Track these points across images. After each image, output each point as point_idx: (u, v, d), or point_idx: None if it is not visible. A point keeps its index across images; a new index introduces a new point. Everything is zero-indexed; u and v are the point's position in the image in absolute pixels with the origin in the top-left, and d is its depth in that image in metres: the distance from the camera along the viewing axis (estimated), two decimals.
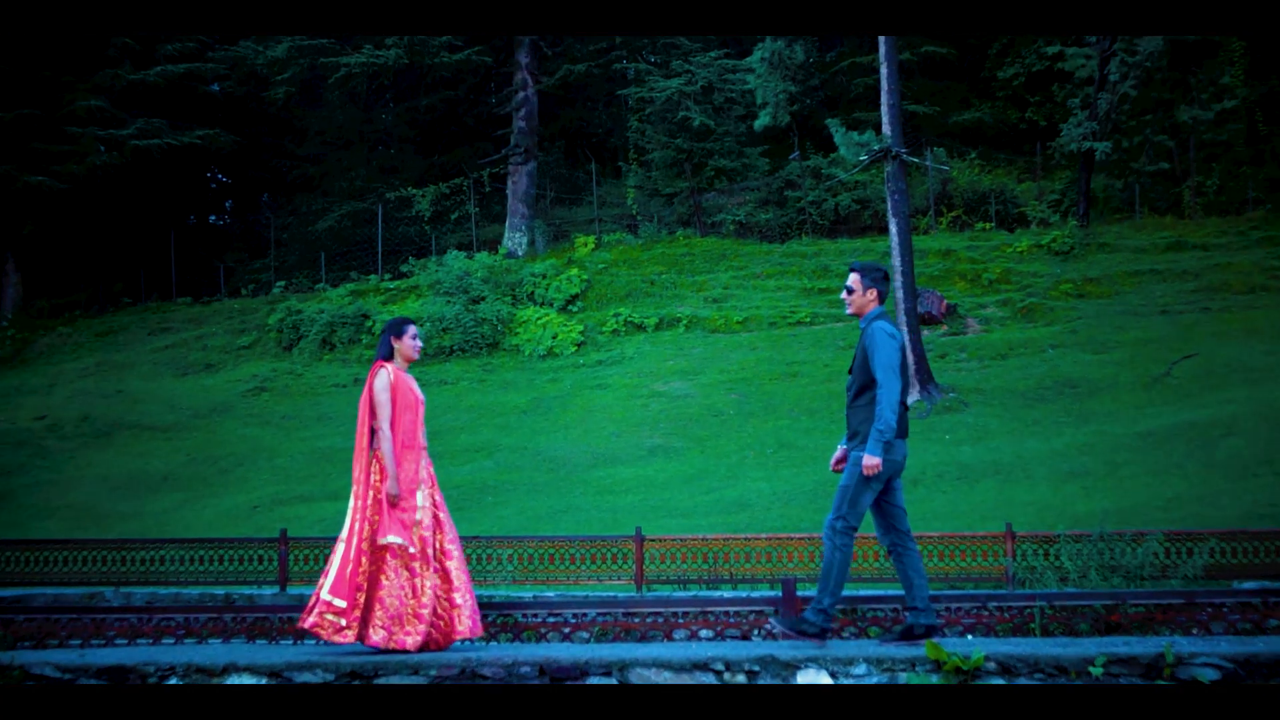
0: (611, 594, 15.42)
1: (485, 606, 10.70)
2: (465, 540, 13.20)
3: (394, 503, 8.58)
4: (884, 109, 26.43)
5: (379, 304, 35.10)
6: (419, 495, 8.75)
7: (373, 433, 8.76)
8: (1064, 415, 23.71)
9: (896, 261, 25.52)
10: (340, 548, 8.58)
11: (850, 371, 8.77)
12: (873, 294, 8.72)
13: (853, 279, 8.81)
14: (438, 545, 8.74)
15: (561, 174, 45.81)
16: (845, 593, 9.74)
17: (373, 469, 8.72)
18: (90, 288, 42.74)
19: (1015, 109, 43.51)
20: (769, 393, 26.97)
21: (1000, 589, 14.81)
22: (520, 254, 38.58)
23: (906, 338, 24.90)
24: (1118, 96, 33.75)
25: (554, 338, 31.87)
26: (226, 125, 43.99)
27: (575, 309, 33.43)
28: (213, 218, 53.12)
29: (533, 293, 33.97)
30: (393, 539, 8.49)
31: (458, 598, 8.61)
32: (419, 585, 8.55)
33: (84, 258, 44.18)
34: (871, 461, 8.28)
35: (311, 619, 8.35)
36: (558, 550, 16.06)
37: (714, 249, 36.10)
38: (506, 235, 39.72)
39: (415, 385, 8.97)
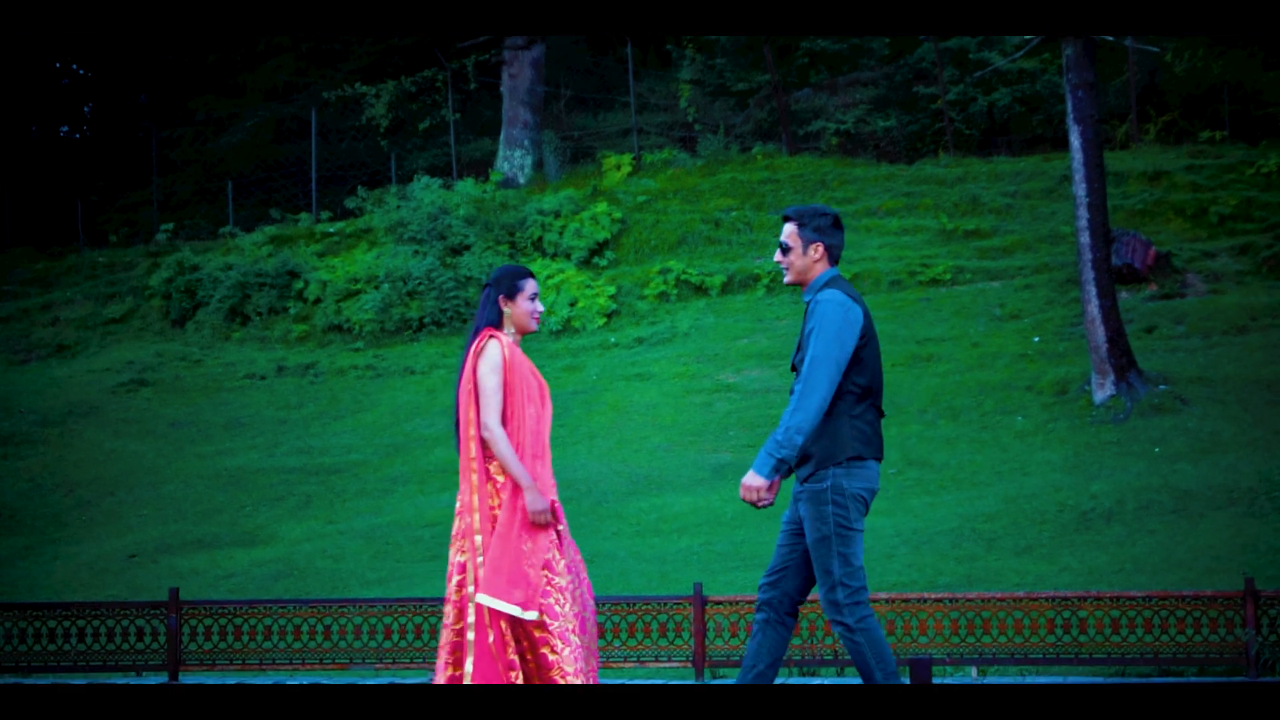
0: (659, 681, 15.49)
1: None
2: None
3: (544, 524, 8.71)
4: None
5: (314, 256, 35.24)
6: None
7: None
8: None
9: (1080, 191, 25.45)
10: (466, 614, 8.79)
11: (794, 367, 8.80)
12: (818, 251, 8.71)
13: (788, 232, 8.80)
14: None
15: (583, 63, 45.85)
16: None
17: (490, 490, 8.86)
18: None
19: None
20: (890, 385, 26.97)
21: (1237, 674, 14.79)
22: (522, 182, 38.71)
23: (1097, 305, 24.81)
24: None
25: (572, 305, 31.97)
26: None
27: (604, 262, 33.52)
28: (65, 129, 53.39)
29: (541, 239, 34.07)
30: (498, 603, 8.67)
31: None
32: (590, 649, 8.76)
33: None
34: (754, 482, 8.34)
35: None
36: None
37: (809, 172, 36.11)
38: (502, 154, 39.85)
39: (533, 366, 9.09)
